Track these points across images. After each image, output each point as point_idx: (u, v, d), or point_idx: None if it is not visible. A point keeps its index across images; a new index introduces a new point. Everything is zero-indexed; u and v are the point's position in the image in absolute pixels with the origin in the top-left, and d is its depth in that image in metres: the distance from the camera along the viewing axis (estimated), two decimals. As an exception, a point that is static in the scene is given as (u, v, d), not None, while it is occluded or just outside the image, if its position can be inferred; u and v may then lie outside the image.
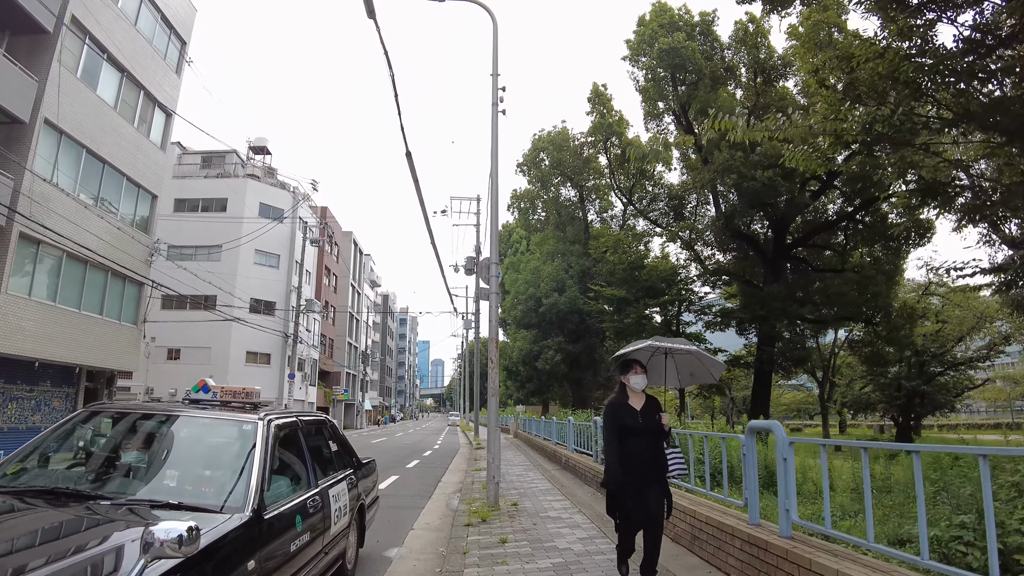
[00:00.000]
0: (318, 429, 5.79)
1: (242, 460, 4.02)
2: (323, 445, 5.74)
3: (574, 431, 14.82)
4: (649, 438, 4.87)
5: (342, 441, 6.37)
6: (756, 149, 25.09)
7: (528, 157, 37.44)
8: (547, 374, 33.54)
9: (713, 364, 5.78)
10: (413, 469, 17.90)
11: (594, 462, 11.68)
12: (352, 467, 6.29)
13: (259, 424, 4.32)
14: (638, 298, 26.77)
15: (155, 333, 43.27)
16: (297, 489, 4.59)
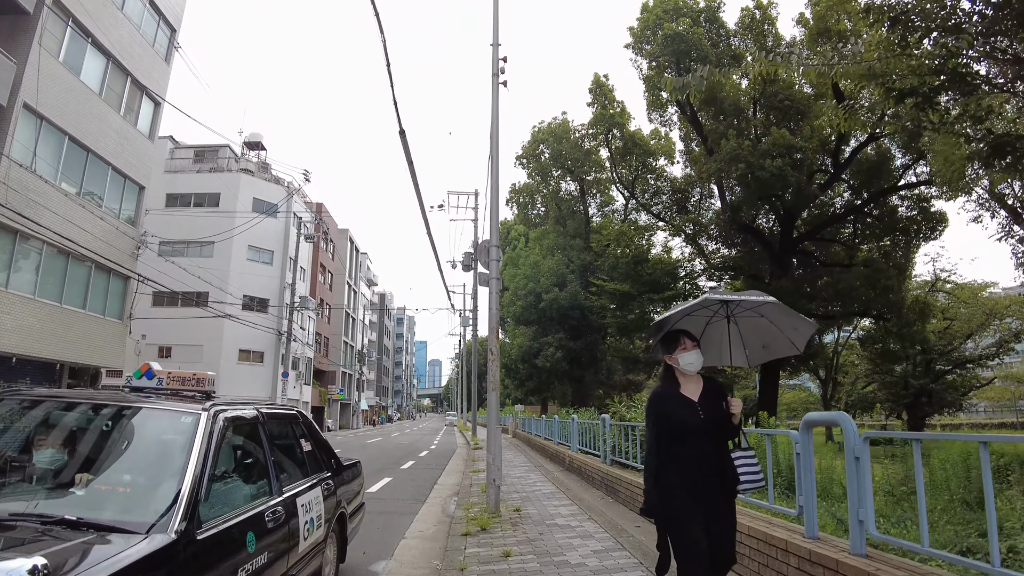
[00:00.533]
0: (286, 425, 4.88)
1: (173, 462, 3.12)
2: (292, 444, 4.83)
3: (578, 430, 13.92)
4: (713, 439, 3.51)
5: (318, 440, 5.46)
6: (764, 138, 24.26)
7: (527, 149, 36.52)
8: (547, 372, 32.56)
9: (798, 324, 3.98)
10: (408, 470, 16.99)
11: (602, 463, 10.80)
12: (330, 470, 5.38)
13: (201, 417, 3.41)
14: (642, 293, 25.88)
15: (146, 330, 42.34)
16: (253, 499, 3.69)
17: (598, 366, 33.51)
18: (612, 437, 10.35)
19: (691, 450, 3.46)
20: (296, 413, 5.17)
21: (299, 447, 4.87)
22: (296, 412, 5.20)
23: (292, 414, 5.08)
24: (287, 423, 4.89)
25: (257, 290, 44.51)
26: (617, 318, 27.26)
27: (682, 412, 3.52)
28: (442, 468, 17.55)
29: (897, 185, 28.24)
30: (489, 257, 9.63)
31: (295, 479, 4.46)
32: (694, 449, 3.46)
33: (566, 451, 14.70)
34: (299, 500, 4.28)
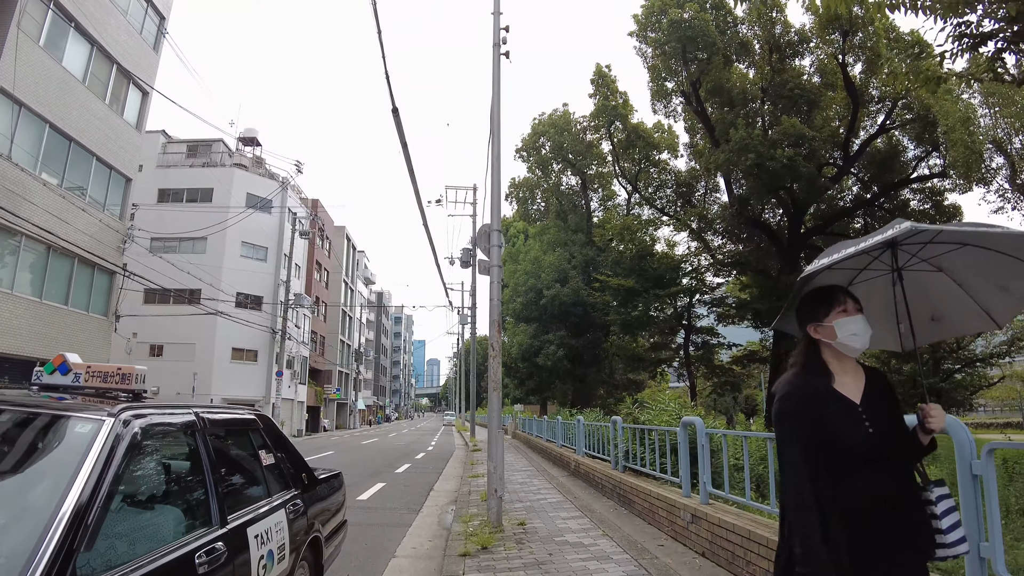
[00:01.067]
0: (239, 434, 3.94)
1: (44, 494, 2.19)
2: (247, 458, 3.90)
3: (585, 433, 13.00)
4: (890, 468, 2.09)
5: (286, 449, 4.52)
6: (774, 128, 23.36)
7: (527, 141, 35.53)
8: (548, 371, 31.56)
9: (1010, 278, 2.36)
10: (402, 475, 16.07)
11: (613, 469, 9.88)
12: (300, 487, 4.45)
13: (104, 425, 2.48)
14: (647, 288, 24.97)
15: (137, 328, 41.39)
16: (181, 534, 2.78)
17: (600, 365, 32.53)
18: (624, 441, 9.43)
19: (863, 485, 2.06)
20: (253, 418, 4.21)
21: (257, 461, 3.93)
22: (253, 416, 4.24)
23: (247, 419, 4.12)
24: (240, 431, 3.95)
25: (251, 287, 43.60)
26: (621, 314, 26.35)
27: (843, 421, 2.10)
28: (439, 472, 16.64)
29: (909, 178, 27.40)
30: (490, 243, 8.71)
31: (248, 503, 3.53)
32: (867, 484, 2.06)
33: (571, 455, 13.78)
34: (252, 529, 3.36)
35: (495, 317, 8.43)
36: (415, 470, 17.25)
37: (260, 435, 4.13)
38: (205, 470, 3.15)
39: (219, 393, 40.96)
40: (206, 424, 3.34)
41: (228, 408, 4.03)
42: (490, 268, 8.64)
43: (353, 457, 22.21)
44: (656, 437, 8.12)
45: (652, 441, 8.36)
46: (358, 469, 17.33)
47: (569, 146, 33.68)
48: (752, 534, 4.83)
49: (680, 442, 6.94)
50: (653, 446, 8.29)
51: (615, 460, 9.86)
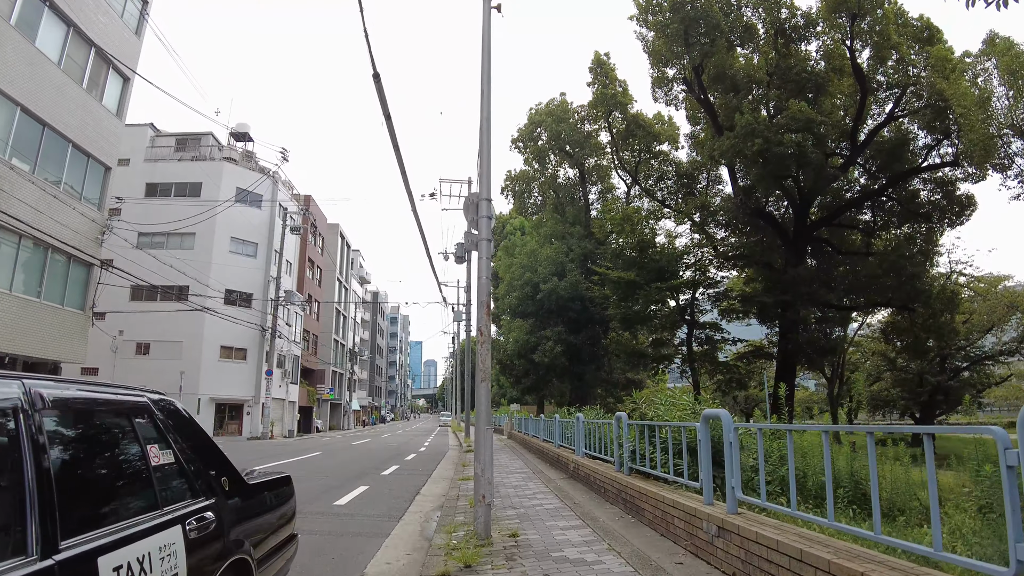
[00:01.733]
0: (112, 423, 2.82)
1: None
2: (120, 457, 2.80)
3: (584, 432, 11.93)
4: None
5: (196, 446, 3.43)
6: (781, 113, 22.34)
7: (524, 132, 34.44)
8: (545, 368, 30.32)
9: None
10: (389, 477, 14.99)
11: (617, 471, 8.83)
12: (218, 495, 3.38)
13: None
14: (648, 281, 23.91)
15: (123, 326, 40.32)
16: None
17: (600, 362, 31.38)
18: (631, 440, 8.37)
19: None
20: (142, 401, 3.10)
21: (142, 461, 2.85)
22: (143, 399, 3.13)
23: (129, 402, 2.99)
24: (115, 420, 2.84)
25: (240, 284, 42.47)
26: (621, 309, 25.23)
27: None
28: (429, 474, 15.56)
29: (919, 167, 26.40)
30: (478, 213, 7.65)
31: (110, 519, 2.47)
32: None
33: (570, 455, 12.71)
34: (109, 559, 2.30)
35: (483, 298, 7.37)
36: (403, 472, 16.18)
37: (152, 425, 3.04)
38: (25, 472, 2.08)
39: (207, 392, 39.89)
40: (41, 405, 2.27)
41: (95, 386, 2.93)
42: (478, 242, 7.58)
43: (340, 458, 21.14)
44: (669, 434, 7.07)
45: (664, 439, 7.31)
46: (343, 471, 16.28)
47: (567, 136, 32.59)
48: (805, 555, 3.77)
49: (701, 439, 5.89)
50: (665, 445, 7.24)
51: (619, 461, 8.81)
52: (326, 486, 12.81)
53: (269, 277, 43.88)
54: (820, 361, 26.37)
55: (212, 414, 40.19)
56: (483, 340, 7.19)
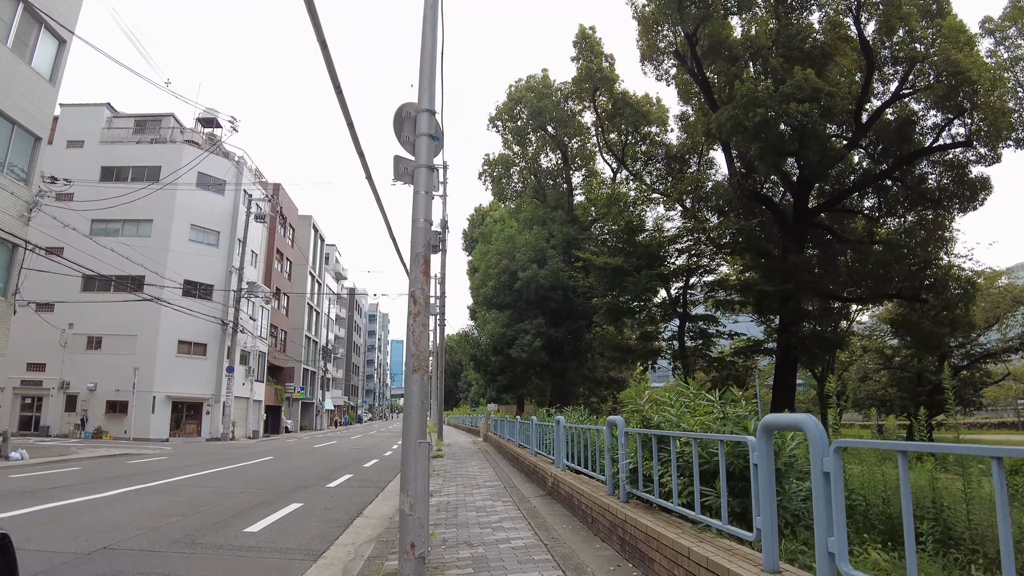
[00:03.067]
0: None
1: None
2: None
3: (566, 438, 9.64)
4: None
5: None
6: (787, 81, 20.17)
7: (503, 109, 31.99)
8: (523, 364, 27.82)
9: None
10: (335, 490, 12.63)
11: (609, 497, 6.56)
12: None
13: None
14: (638, 268, 21.68)
15: (73, 318, 37.57)
16: None
17: (583, 358, 29.01)
18: (630, 455, 6.09)
19: None
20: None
21: None
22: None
23: None
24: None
25: (200, 275, 39.78)
26: (608, 299, 22.93)
27: None
28: (382, 487, 13.21)
29: (927, 148, 24.43)
30: (416, 131, 5.35)
31: None
32: None
33: (548, 467, 10.42)
34: None
35: (420, 250, 5.07)
36: (354, 483, 13.81)
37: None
38: None
39: (163, 390, 37.23)
40: None
41: None
42: (414, 170, 5.27)
43: (289, 464, 18.73)
44: (695, 451, 4.78)
45: (683, 457, 5.06)
46: (283, 481, 13.90)
47: (549, 114, 30.26)
48: None
49: (758, 464, 3.62)
50: (684, 465, 4.99)
51: (612, 482, 6.55)
52: (251, 503, 10.47)
53: (231, 267, 41.23)
54: (822, 356, 24.25)
55: (168, 413, 37.54)
56: (417, 311, 4.89)
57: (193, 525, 8.41)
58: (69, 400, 37.10)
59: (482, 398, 57.08)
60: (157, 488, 12.54)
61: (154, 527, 8.18)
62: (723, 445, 4.39)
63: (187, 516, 9.17)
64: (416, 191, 5.22)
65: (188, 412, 38.92)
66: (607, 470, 6.75)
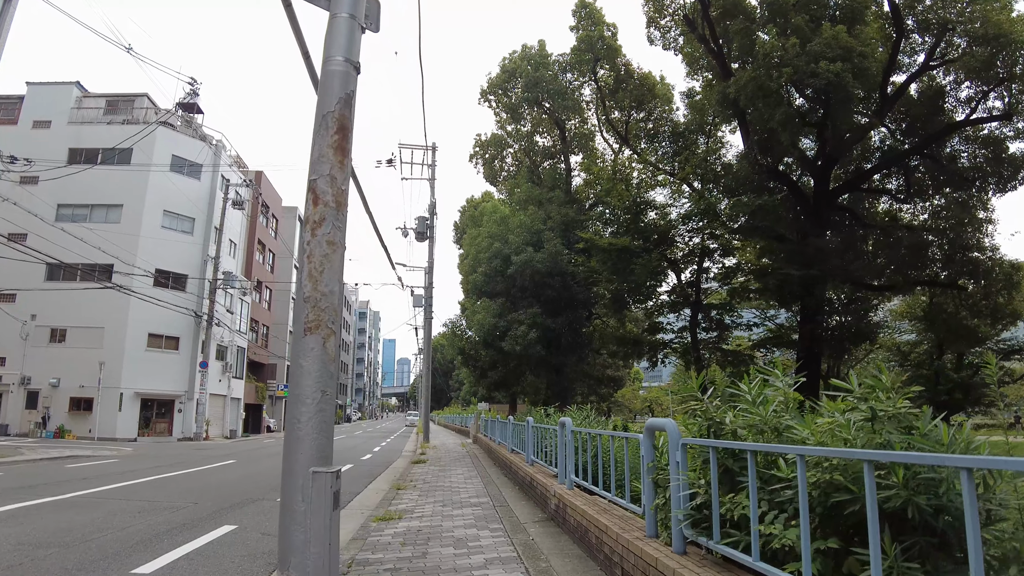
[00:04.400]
0: None
1: None
2: None
3: (575, 446, 7.32)
4: None
5: None
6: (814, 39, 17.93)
7: (495, 82, 29.48)
8: (517, 358, 25.10)
9: None
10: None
11: (653, 541, 4.27)
12: None
13: None
14: (647, 248, 19.37)
15: (36, 309, 35.08)
16: None
17: (582, 352, 26.50)
18: (691, 480, 3.79)
19: None
20: None
21: None
22: None
23: None
24: None
25: (173, 264, 37.29)
26: (613, 284, 20.50)
27: None
28: (347, 499, 10.90)
29: (960, 122, 22.34)
30: None
31: None
32: None
33: (550, 483, 8.10)
34: None
35: (331, 107, 2.75)
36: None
37: None
38: None
39: (131, 386, 34.75)
40: None
41: None
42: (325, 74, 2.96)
43: (249, 470, 16.39)
44: (867, 484, 2.48)
45: (788, 483, 2.80)
46: (228, 492, 11.57)
47: (546, 86, 27.83)
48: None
49: None
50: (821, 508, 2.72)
51: (657, 519, 4.27)
52: (172, 524, 8.21)
53: (207, 256, 38.75)
54: (849, 350, 21.99)
55: (137, 411, 35.06)
56: (320, 218, 2.57)
57: (69, 561, 6.20)
58: (30, 396, 34.62)
59: (473, 397, 54.66)
60: (70, 502, 10.27)
61: (14, 564, 5.97)
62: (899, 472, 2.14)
63: (72, 546, 6.93)
64: (333, 13, 2.90)
65: (159, 410, 36.47)
66: (646, 499, 4.45)
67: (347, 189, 2.77)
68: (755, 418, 3.75)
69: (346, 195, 2.76)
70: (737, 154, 23.47)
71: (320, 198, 2.64)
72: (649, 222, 20.29)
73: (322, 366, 2.60)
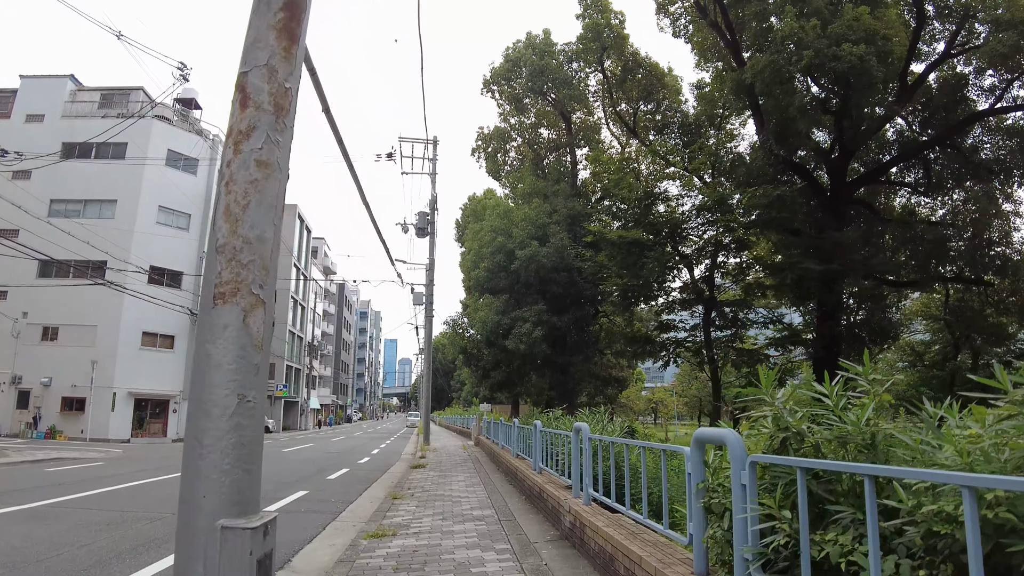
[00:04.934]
0: None
1: None
2: None
3: (593, 456, 6.43)
4: None
5: None
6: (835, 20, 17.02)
7: (499, 72, 28.48)
8: (520, 357, 24.06)
9: None
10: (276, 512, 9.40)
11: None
12: None
13: None
14: (659, 241, 18.43)
15: (27, 306, 34.27)
16: None
17: (589, 351, 25.46)
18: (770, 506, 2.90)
19: None
20: None
21: None
22: None
23: None
24: None
25: (169, 261, 36.47)
26: (623, 279, 19.50)
27: None
28: (338, 511, 9.99)
29: (983, 111, 21.45)
30: None
31: None
32: None
33: (563, 496, 7.19)
34: None
35: None
36: (302, 505, 10.59)
37: None
38: None
39: (125, 385, 33.91)
40: None
41: None
42: None
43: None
44: None
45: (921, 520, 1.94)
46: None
47: (552, 74, 26.83)
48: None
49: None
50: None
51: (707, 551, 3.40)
52: (136, 541, 7.36)
53: (203, 253, 37.87)
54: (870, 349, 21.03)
55: (130, 412, 34.22)
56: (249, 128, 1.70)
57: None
58: (21, 396, 33.79)
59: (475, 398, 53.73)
60: (36, 512, 9.42)
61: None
62: None
63: (20, 568, 6.11)
64: None
65: (153, 410, 35.64)
66: (694, 528, 3.57)
67: (294, 92, 1.90)
68: (846, 428, 2.87)
69: (292, 100, 1.89)
70: (749, 145, 22.55)
71: (251, 98, 1.77)
72: (660, 215, 19.36)
73: (241, 355, 1.74)
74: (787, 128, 19.46)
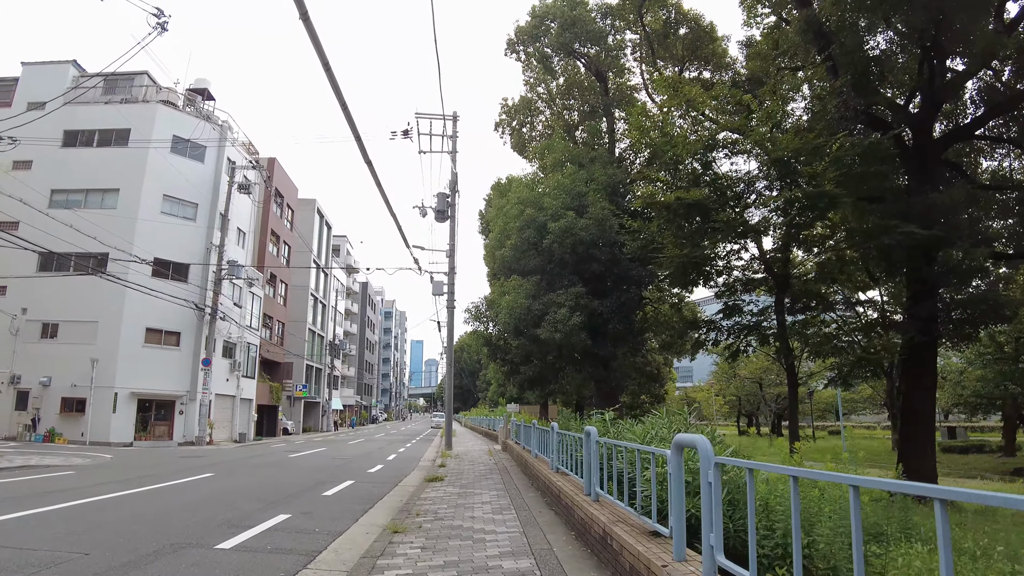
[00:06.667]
0: None
1: None
2: None
3: (719, 495, 3.62)
4: None
5: None
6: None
7: (525, 30, 25.36)
8: (556, 349, 20.56)
9: None
10: (227, 556, 6.67)
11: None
12: None
13: None
14: (726, 203, 15.41)
15: (26, 302, 32.22)
16: None
17: (635, 342, 22.04)
18: None
19: None
20: None
21: None
22: None
23: None
24: None
25: (174, 253, 34.17)
26: (684, 249, 16.10)
27: None
28: (322, 546, 7.24)
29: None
30: None
31: None
32: None
33: (652, 552, 4.36)
34: None
35: None
36: (280, 532, 7.83)
37: None
38: None
39: (127, 385, 31.67)
40: None
41: None
42: None
43: (221, 486, 12.76)
44: None
45: None
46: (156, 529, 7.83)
47: (585, 27, 23.77)
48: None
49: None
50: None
51: None
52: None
53: (210, 245, 35.59)
54: (975, 334, 17.70)
55: (133, 413, 31.98)
56: None
57: None
58: (20, 396, 31.74)
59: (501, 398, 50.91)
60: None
61: None
62: None
63: None
64: None
65: (158, 411, 33.37)
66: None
67: None
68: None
69: None
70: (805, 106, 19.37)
71: None
72: (721, 176, 16.34)
73: None
74: (863, 79, 16.36)
